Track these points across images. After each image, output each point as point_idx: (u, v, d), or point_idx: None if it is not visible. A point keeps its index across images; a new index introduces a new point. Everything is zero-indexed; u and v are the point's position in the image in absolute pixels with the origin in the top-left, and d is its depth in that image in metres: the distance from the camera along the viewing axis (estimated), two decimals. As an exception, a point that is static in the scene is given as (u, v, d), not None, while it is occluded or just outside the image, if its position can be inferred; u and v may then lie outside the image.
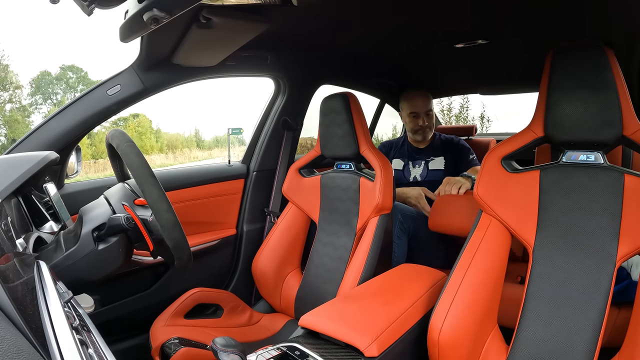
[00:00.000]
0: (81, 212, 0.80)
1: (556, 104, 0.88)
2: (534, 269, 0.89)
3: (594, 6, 1.07)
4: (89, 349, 0.43)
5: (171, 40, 1.05)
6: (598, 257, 0.83)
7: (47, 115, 6.79)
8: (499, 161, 0.97)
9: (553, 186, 0.90)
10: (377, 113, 2.49)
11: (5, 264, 0.47)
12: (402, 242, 1.46)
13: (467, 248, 0.93)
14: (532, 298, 0.87)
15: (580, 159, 0.88)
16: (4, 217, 0.63)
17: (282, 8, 0.94)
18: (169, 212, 0.71)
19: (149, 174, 0.72)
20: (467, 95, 9.58)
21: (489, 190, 0.95)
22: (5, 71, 21.88)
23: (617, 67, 0.84)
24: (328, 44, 1.40)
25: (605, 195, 0.84)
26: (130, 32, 0.80)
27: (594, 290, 0.82)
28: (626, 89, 0.83)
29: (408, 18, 1.18)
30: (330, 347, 0.77)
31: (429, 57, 1.67)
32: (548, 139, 0.92)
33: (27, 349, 0.33)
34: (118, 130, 0.79)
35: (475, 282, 0.88)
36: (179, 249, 0.73)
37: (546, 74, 0.90)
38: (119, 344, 1.25)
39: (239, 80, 12.70)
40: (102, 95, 1.13)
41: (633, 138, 0.82)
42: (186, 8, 0.67)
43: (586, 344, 0.80)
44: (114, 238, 0.75)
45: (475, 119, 10.48)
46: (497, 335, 0.91)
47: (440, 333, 0.83)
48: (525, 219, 0.91)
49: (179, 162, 25.39)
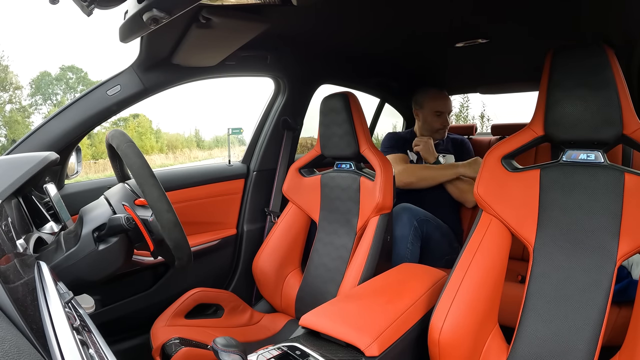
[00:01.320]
0: (81, 212, 0.80)
1: (556, 103, 0.88)
2: (534, 268, 0.89)
3: (593, 5, 1.07)
4: (90, 349, 0.43)
5: (171, 41, 1.05)
6: (598, 256, 0.83)
7: (47, 115, 6.79)
8: (499, 160, 0.96)
9: (553, 185, 0.90)
10: (377, 113, 2.49)
11: (6, 265, 0.47)
12: (415, 247, 1.46)
13: (467, 247, 0.93)
14: (532, 297, 0.87)
15: (581, 157, 0.88)
16: (4, 217, 0.63)
17: (281, 8, 0.94)
18: (169, 212, 0.71)
19: (149, 174, 0.72)
20: (467, 95, 9.60)
21: (489, 189, 0.95)
22: (5, 72, 21.89)
23: (617, 66, 0.83)
24: (328, 43, 1.40)
25: (606, 194, 0.84)
26: (130, 32, 0.80)
27: (595, 289, 0.82)
28: (626, 87, 0.83)
29: (408, 17, 1.18)
30: (331, 347, 0.77)
31: (429, 56, 1.67)
32: (548, 138, 0.92)
33: (28, 350, 0.33)
34: (118, 131, 0.79)
35: (476, 282, 0.88)
36: (179, 249, 0.73)
37: (546, 73, 0.90)
38: (120, 344, 1.26)
39: (239, 80, 12.72)
40: (102, 96, 1.13)
41: (633, 137, 0.82)
42: (186, 8, 0.67)
43: (587, 343, 0.80)
44: (114, 238, 0.75)
45: (475, 118, 10.49)
46: (497, 334, 0.91)
47: (441, 332, 0.83)
48: (526, 218, 0.91)
49: (179, 162, 25.42)
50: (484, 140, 2.16)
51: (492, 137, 2.15)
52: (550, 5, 1.07)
